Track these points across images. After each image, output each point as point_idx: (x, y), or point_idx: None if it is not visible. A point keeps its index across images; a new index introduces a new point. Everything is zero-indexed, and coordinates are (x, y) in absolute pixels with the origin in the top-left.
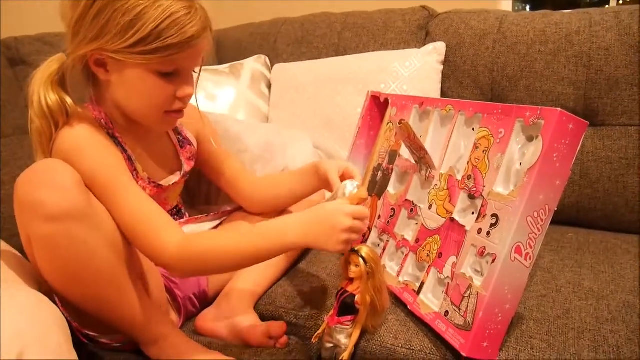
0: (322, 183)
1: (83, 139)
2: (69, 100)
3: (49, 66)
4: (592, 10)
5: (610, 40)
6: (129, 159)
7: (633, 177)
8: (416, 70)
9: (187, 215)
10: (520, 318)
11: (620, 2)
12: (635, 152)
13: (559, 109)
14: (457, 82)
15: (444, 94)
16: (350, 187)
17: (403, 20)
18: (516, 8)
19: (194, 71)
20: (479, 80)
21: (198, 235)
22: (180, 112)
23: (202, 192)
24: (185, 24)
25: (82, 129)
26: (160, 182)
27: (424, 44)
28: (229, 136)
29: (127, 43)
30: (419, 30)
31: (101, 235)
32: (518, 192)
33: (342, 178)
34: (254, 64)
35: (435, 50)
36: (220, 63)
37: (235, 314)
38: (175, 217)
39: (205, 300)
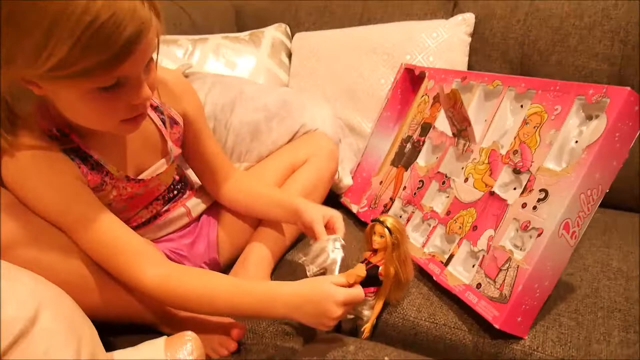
0: (305, 229)
1: (28, 170)
2: (15, 109)
3: None
4: None
5: None
6: (95, 165)
7: None
8: (444, 41)
9: (189, 188)
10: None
11: None
12: None
13: (627, 87)
14: (485, 55)
15: (470, 67)
16: (333, 251)
17: None
18: None
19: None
20: (509, 53)
21: (184, 269)
22: (142, 115)
23: None
24: (112, 31)
25: (23, 158)
26: (142, 177)
27: (452, 15)
28: (245, 96)
29: (44, 68)
30: (447, 0)
31: (57, 248)
32: (573, 168)
33: (327, 226)
34: (274, 33)
35: (464, 22)
36: (240, 31)
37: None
38: (175, 192)
39: (217, 268)
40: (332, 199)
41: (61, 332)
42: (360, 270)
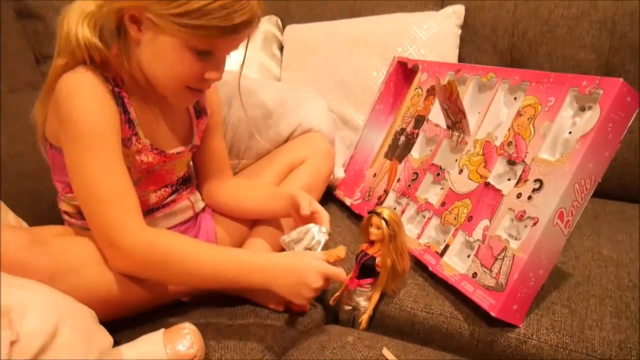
0: (297, 217)
1: (80, 86)
2: (99, 44)
3: (85, 6)
4: None
5: (635, 5)
6: (128, 122)
7: None
8: (434, 33)
9: (193, 183)
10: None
11: None
12: None
13: (620, 79)
14: (475, 46)
15: (461, 58)
16: (319, 234)
17: None
18: None
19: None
20: (498, 44)
21: (170, 233)
22: (202, 91)
23: None
24: (236, 10)
25: (84, 76)
26: (164, 150)
27: (442, 7)
28: (242, 92)
29: (172, 11)
30: None
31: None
32: (567, 158)
33: (311, 217)
34: (265, 25)
35: (454, 13)
36: None
37: None
38: (182, 185)
39: None
40: (326, 192)
41: (80, 345)
42: (341, 252)
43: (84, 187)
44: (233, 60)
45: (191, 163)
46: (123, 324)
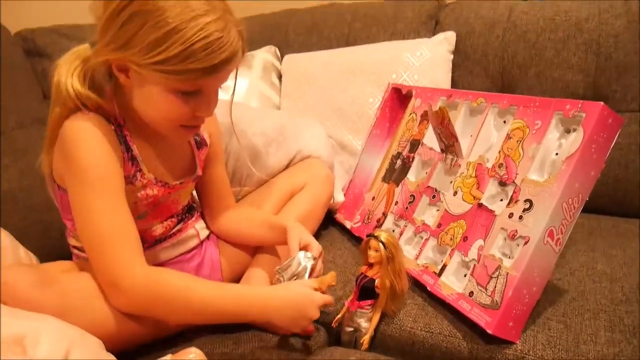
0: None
1: (83, 131)
2: (89, 93)
3: (73, 59)
4: None
5: (619, 27)
6: (132, 159)
7: None
8: (427, 59)
9: (197, 211)
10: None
11: None
12: None
13: (601, 103)
14: (467, 70)
15: (454, 82)
16: (305, 260)
17: (413, 10)
18: None
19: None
20: (489, 68)
21: (170, 271)
22: (197, 127)
23: None
24: (215, 49)
25: (86, 121)
26: (168, 182)
27: (434, 34)
28: (243, 122)
29: (152, 60)
30: (429, 19)
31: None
32: (555, 179)
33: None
34: (264, 55)
35: (446, 40)
36: None
37: None
38: (187, 214)
39: None
40: (327, 215)
41: None
42: (332, 279)
43: (86, 227)
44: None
45: (194, 192)
46: (130, 349)
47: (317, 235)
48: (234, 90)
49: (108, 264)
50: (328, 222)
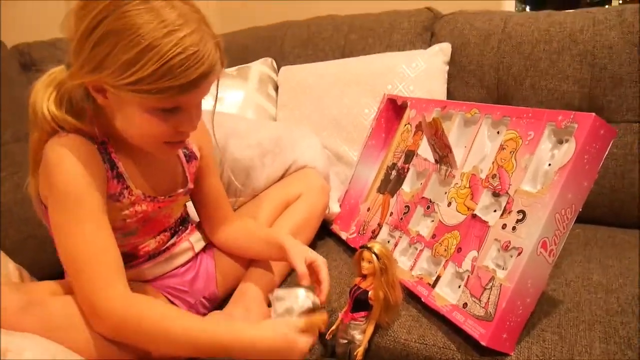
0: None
1: (62, 155)
2: (68, 118)
3: (49, 82)
4: (595, 9)
5: (613, 38)
6: (118, 177)
7: (638, 173)
8: (422, 71)
9: (191, 223)
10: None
11: (620, 1)
12: None
13: (593, 114)
14: (462, 82)
15: (449, 93)
16: (304, 299)
17: (408, 22)
18: (517, 8)
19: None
20: (485, 79)
21: (149, 300)
22: (182, 142)
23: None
24: (191, 65)
25: (65, 144)
26: (157, 196)
27: (430, 45)
28: (238, 133)
29: (126, 81)
30: (425, 31)
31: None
32: (548, 189)
33: (309, 267)
34: (260, 67)
35: (441, 51)
36: (228, 66)
37: (251, 312)
38: (180, 227)
39: (216, 301)
40: (323, 226)
41: None
42: (322, 323)
43: (64, 251)
44: (229, 103)
45: (189, 204)
46: None
47: (313, 246)
48: (215, 100)
49: (85, 289)
50: (324, 233)
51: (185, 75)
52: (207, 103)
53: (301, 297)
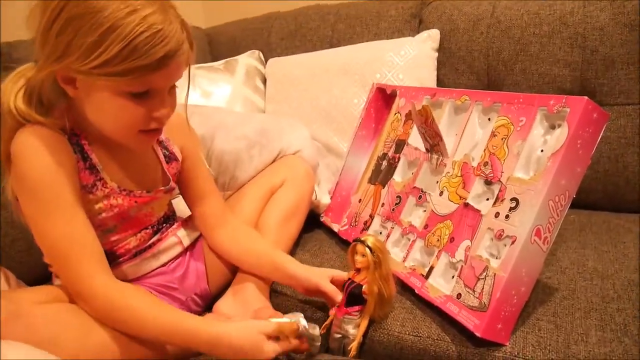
0: (307, 292)
1: (28, 146)
2: (34, 114)
3: (17, 79)
4: None
5: (604, 20)
6: (90, 168)
7: (632, 157)
8: (411, 58)
9: (177, 220)
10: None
11: None
12: (634, 130)
13: (585, 97)
14: (452, 68)
15: (439, 80)
16: (307, 330)
17: (396, 9)
18: None
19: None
20: (475, 65)
21: (128, 288)
22: (157, 130)
23: None
24: (156, 43)
25: (30, 134)
26: (133, 190)
27: (418, 32)
28: (225, 126)
29: (92, 64)
30: (412, 18)
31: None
32: (541, 176)
33: (334, 282)
34: (248, 60)
35: (430, 38)
36: (214, 60)
37: (250, 304)
38: (164, 224)
39: (208, 297)
40: (313, 218)
41: None
42: (290, 332)
43: (42, 243)
44: (216, 97)
45: (178, 200)
46: None
47: (304, 239)
48: (187, 91)
49: (69, 276)
50: (314, 225)
51: (151, 54)
52: (191, 100)
53: (303, 326)
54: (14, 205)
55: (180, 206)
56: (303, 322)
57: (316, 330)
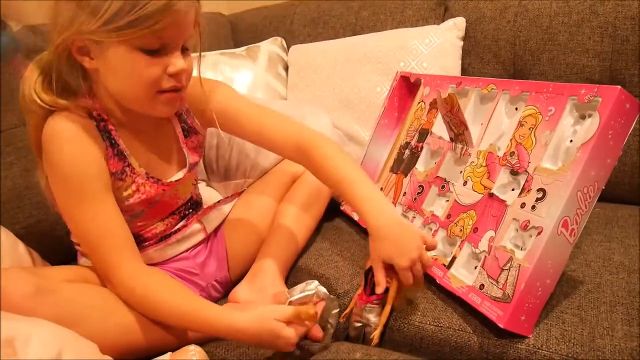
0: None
1: (58, 135)
2: (59, 100)
3: (34, 69)
4: None
5: (636, 8)
6: (119, 154)
7: None
8: (436, 46)
9: (204, 205)
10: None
11: None
12: None
13: (618, 86)
14: (477, 57)
15: (464, 70)
16: (313, 288)
17: None
18: None
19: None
20: (501, 54)
21: (155, 274)
22: (177, 90)
23: (220, 167)
24: None
25: (64, 120)
26: (162, 179)
27: (443, 20)
28: None
29: (101, 21)
30: (438, 6)
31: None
32: (569, 166)
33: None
34: (270, 46)
35: (455, 26)
36: (237, 46)
37: (266, 290)
38: (191, 210)
39: (228, 284)
40: (333, 206)
41: None
42: (306, 316)
43: (75, 229)
44: (239, 83)
45: (198, 187)
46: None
47: (324, 227)
48: (200, 54)
49: (100, 262)
50: (334, 214)
51: (154, 3)
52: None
53: (319, 291)
54: (47, 192)
55: (205, 193)
56: (321, 288)
57: (335, 303)
